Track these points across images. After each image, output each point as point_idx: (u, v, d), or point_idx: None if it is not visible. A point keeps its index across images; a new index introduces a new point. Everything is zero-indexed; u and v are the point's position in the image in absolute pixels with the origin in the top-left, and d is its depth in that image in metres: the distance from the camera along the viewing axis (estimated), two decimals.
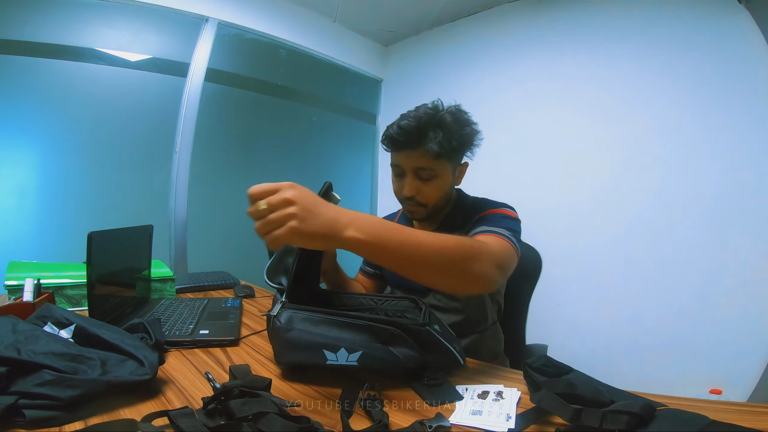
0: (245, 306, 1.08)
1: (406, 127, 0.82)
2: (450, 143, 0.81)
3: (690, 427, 0.41)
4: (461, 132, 0.83)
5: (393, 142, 0.85)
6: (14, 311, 0.64)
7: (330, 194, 0.76)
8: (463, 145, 0.85)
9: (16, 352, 0.47)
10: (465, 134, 0.84)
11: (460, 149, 0.85)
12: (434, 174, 0.85)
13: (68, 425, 0.44)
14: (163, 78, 1.84)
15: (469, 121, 0.86)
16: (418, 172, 0.85)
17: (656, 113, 1.69)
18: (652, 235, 1.67)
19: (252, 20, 2.07)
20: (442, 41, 2.47)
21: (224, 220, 2.11)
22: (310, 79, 2.47)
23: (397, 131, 0.83)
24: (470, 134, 0.85)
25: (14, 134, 1.54)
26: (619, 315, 1.73)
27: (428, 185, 0.86)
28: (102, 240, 0.78)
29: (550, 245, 1.24)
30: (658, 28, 1.70)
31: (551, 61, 2.01)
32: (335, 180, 0.69)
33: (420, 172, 0.85)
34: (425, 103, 0.88)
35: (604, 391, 0.48)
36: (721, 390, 1.46)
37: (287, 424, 0.42)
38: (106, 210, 1.73)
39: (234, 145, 2.20)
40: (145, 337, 0.64)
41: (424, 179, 0.85)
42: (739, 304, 1.47)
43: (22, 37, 1.50)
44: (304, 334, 0.60)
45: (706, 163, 1.57)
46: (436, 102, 0.87)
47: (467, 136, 0.84)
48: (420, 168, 0.85)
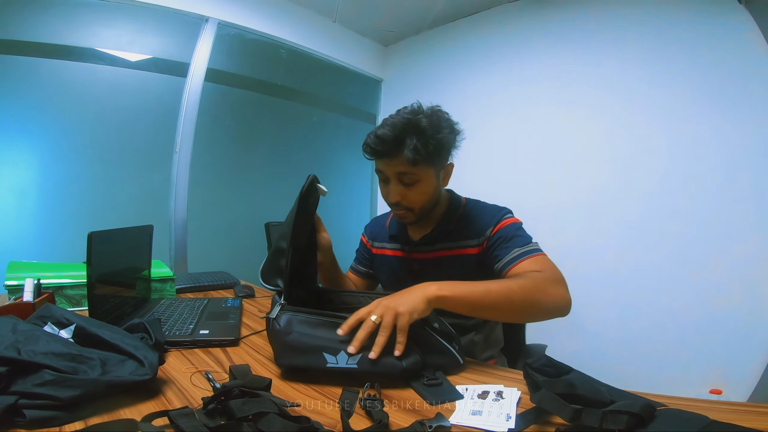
0: (245, 306, 1.08)
1: (383, 137, 0.81)
2: (426, 148, 0.80)
3: (690, 427, 0.41)
4: (437, 136, 0.81)
5: (372, 151, 0.85)
6: (14, 311, 0.64)
7: (315, 186, 0.76)
8: (440, 149, 0.83)
9: (16, 352, 0.47)
10: (441, 138, 0.82)
11: (438, 153, 0.83)
12: (416, 179, 0.84)
13: (68, 425, 0.44)
14: (163, 78, 1.84)
15: (446, 124, 0.84)
16: (401, 178, 0.85)
17: (656, 113, 1.69)
18: (652, 235, 1.67)
19: (252, 20, 2.07)
20: (442, 41, 2.47)
21: (224, 220, 2.11)
22: (310, 79, 2.47)
23: (374, 141, 0.83)
24: (447, 137, 0.84)
25: (14, 134, 1.54)
26: (619, 315, 1.73)
27: (412, 190, 0.86)
28: (102, 240, 0.78)
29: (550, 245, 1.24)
30: (657, 28, 1.70)
31: (551, 61, 2.01)
32: (335, 180, 0.69)
33: (402, 177, 0.85)
34: (406, 105, 0.87)
35: (604, 391, 0.48)
36: (721, 390, 1.46)
37: (287, 424, 0.42)
38: (106, 210, 1.73)
39: (234, 145, 2.20)
40: (145, 337, 0.64)
41: (407, 184, 0.85)
42: (739, 305, 1.47)
43: (22, 37, 1.50)
44: (304, 337, 0.60)
45: (707, 163, 1.57)
46: (415, 105, 0.86)
47: (444, 140, 0.83)
48: (402, 173, 0.84)
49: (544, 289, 0.73)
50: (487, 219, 0.89)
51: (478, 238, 0.88)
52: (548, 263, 0.80)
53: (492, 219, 0.89)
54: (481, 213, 0.92)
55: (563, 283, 0.76)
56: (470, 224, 0.90)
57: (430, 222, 0.95)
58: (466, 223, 0.91)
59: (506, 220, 0.88)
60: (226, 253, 2.08)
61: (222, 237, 2.11)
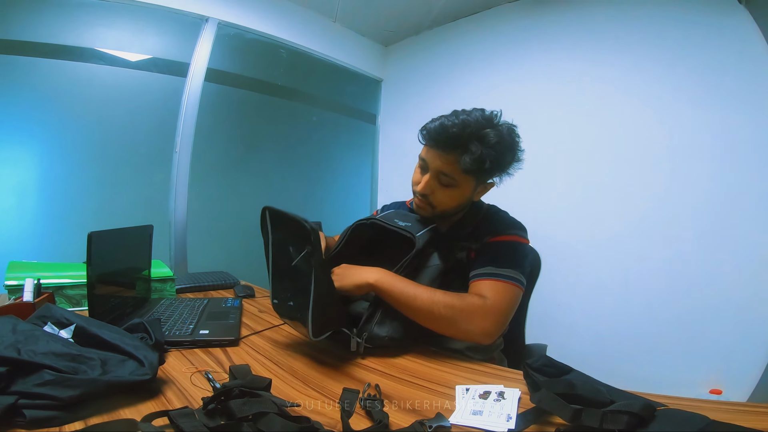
0: (245, 306, 1.08)
1: (448, 129, 0.77)
2: (483, 164, 0.77)
3: (690, 427, 0.41)
4: (500, 158, 0.79)
5: (429, 138, 0.81)
6: (14, 311, 0.64)
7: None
8: (495, 169, 0.81)
9: (16, 352, 0.47)
10: (502, 161, 0.80)
11: (490, 172, 0.81)
12: (455, 183, 0.82)
13: (68, 425, 0.44)
14: (163, 78, 1.83)
15: (513, 148, 0.81)
16: (440, 176, 0.82)
17: (656, 113, 1.69)
18: (652, 235, 1.67)
19: (252, 20, 2.06)
20: (442, 41, 2.47)
21: (224, 220, 2.11)
22: (310, 79, 2.46)
23: (438, 129, 0.79)
24: (508, 162, 0.82)
25: (14, 134, 1.54)
26: (619, 315, 1.73)
27: (444, 191, 0.84)
28: (102, 240, 0.78)
29: (550, 245, 1.24)
30: (657, 28, 1.70)
31: (551, 61, 2.01)
32: (335, 180, 0.69)
33: (441, 177, 0.82)
34: (483, 108, 0.83)
35: (604, 391, 0.48)
36: (721, 390, 1.46)
37: (287, 424, 0.42)
38: (106, 210, 1.73)
39: (234, 145, 2.20)
40: (145, 337, 0.64)
41: (443, 184, 0.83)
42: (739, 305, 1.47)
43: (22, 37, 1.50)
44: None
45: (706, 164, 1.57)
46: (495, 112, 0.82)
47: (503, 163, 0.81)
48: (443, 173, 0.81)
49: (467, 316, 0.73)
50: (493, 228, 0.87)
51: (479, 242, 0.87)
52: (502, 293, 0.77)
53: (496, 230, 0.87)
54: (493, 223, 0.90)
55: (495, 318, 0.75)
56: (481, 231, 0.89)
57: (447, 222, 0.94)
58: (479, 229, 0.89)
59: (507, 236, 0.86)
60: (226, 253, 2.08)
61: (222, 237, 2.11)
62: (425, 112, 0.91)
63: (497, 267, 0.79)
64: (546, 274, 1.12)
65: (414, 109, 2.51)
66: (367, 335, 0.74)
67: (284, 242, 0.74)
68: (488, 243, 0.85)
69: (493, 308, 0.75)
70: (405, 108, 2.62)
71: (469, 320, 0.73)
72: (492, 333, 0.75)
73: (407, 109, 2.59)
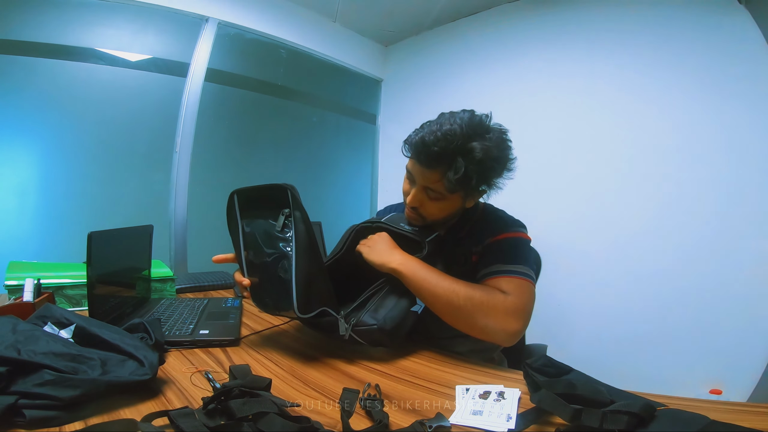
0: (245, 306, 1.08)
1: (430, 147, 0.73)
2: (469, 181, 0.74)
3: (690, 427, 0.41)
4: (488, 173, 0.76)
5: (412, 153, 0.79)
6: (14, 311, 0.64)
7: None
8: (482, 183, 0.78)
9: (16, 352, 0.47)
10: (490, 177, 0.77)
11: (477, 187, 0.78)
12: (442, 197, 0.80)
13: (68, 425, 0.44)
14: (163, 78, 1.83)
15: (501, 159, 0.77)
16: (427, 191, 0.80)
17: (656, 113, 1.69)
18: (652, 235, 1.67)
19: (252, 20, 2.06)
20: (442, 41, 2.47)
21: (224, 220, 2.11)
22: (310, 79, 2.46)
23: (419, 146, 0.75)
24: (497, 176, 0.78)
25: (14, 134, 1.54)
26: (619, 315, 1.73)
27: (434, 203, 0.81)
28: (102, 240, 0.78)
29: (550, 245, 1.24)
30: (657, 28, 1.70)
31: (551, 60, 2.01)
32: (335, 180, 0.69)
33: (428, 191, 0.80)
34: (472, 110, 0.79)
35: (604, 391, 0.48)
36: (721, 390, 1.46)
37: (287, 424, 0.42)
38: (106, 210, 1.73)
39: (234, 145, 2.20)
40: (145, 337, 0.64)
41: (431, 198, 0.81)
42: (739, 304, 1.47)
43: (22, 37, 1.50)
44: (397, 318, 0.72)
45: (706, 164, 1.57)
46: (483, 115, 0.78)
47: (491, 178, 0.78)
48: (429, 189, 0.79)
49: (490, 312, 0.70)
50: (492, 228, 0.86)
51: (480, 245, 0.85)
52: (522, 289, 0.74)
53: (496, 229, 0.85)
54: (491, 222, 0.89)
55: (519, 315, 0.71)
56: (479, 232, 0.87)
57: (443, 227, 0.92)
58: (476, 230, 0.88)
59: (509, 234, 0.84)
60: (226, 253, 2.08)
61: (222, 237, 2.09)
62: (425, 112, 0.90)
63: (508, 264, 0.77)
64: (546, 274, 1.12)
65: (414, 109, 2.51)
66: (355, 320, 0.70)
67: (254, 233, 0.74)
68: (492, 242, 0.84)
69: (513, 305, 0.71)
70: (405, 108, 2.62)
71: (489, 316, 0.69)
72: (517, 333, 0.71)
73: (407, 109, 2.59)
